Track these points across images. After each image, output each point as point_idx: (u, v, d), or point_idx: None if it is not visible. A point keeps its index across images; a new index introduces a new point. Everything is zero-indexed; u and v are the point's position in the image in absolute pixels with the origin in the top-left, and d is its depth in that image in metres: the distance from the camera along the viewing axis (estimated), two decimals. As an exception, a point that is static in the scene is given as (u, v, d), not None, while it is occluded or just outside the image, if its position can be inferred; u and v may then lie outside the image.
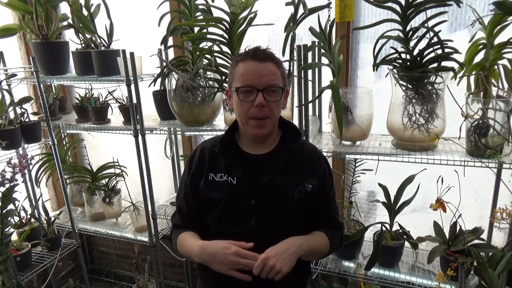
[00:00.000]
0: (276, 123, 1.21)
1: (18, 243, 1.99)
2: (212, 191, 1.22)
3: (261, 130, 1.16)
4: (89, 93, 2.25)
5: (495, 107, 1.34)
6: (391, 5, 1.38)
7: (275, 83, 1.13)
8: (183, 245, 1.24)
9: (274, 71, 1.13)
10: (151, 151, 2.02)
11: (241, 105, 1.15)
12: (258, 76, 1.11)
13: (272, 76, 1.12)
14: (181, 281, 2.75)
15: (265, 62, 1.12)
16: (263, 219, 1.18)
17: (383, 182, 1.70)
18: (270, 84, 1.11)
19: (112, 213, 2.32)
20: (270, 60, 1.13)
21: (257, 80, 1.11)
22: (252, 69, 1.12)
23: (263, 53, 1.13)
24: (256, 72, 1.11)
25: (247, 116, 1.15)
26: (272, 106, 1.13)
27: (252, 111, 1.13)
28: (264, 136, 1.20)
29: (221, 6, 1.64)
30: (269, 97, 1.12)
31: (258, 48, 1.14)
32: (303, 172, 1.22)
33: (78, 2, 1.95)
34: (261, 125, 1.15)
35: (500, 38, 1.37)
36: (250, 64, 1.12)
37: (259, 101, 1.10)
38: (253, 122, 1.15)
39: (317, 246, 1.22)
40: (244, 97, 1.13)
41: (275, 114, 1.16)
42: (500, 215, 1.25)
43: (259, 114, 1.13)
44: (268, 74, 1.12)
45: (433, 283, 1.59)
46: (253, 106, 1.12)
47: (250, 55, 1.13)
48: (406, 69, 1.45)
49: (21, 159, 1.48)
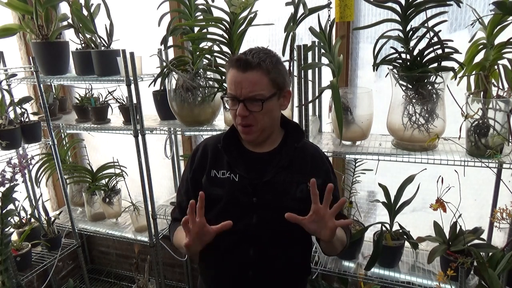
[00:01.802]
0: (267, 129, 1.19)
1: (18, 243, 1.99)
2: (213, 187, 1.22)
3: (248, 136, 1.18)
4: (89, 93, 2.25)
5: (495, 107, 1.34)
6: (391, 5, 1.38)
7: (256, 94, 1.10)
8: (177, 238, 1.25)
9: (257, 81, 1.10)
10: (151, 151, 2.02)
11: (230, 111, 1.18)
12: (239, 87, 1.10)
13: (253, 86, 1.09)
14: (181, 281, 2.75)
15: (247, 72, 1.09)
16: (265, 217, 1.18)
17: (383, 182, 1.70)
18: (249, 96, 1.10)
19: (112, 213, 2.32)
20: (253, 68, 1.09)
21: (238, 91, 1.10)
22: (234, 79, 1.11)
23: (245, 62, 1.09)
24: (237, 83, 1.10)
25: (236, 122, 1.17)
26: (255, 115, 1.13)
27: (238, 119, 1.14)
28: (253, 141, 1.21)
29: (221, 6, 1.64)
30: (251, 107, 1.12)
31: (241, 57, 1.11)
32: (305, 171, 1.21)
33: (78, 2, 1.95)
34: (247, 132, 1.17)
35: (500, 38, 1.37)
36: (233, 73, 1.11)
37: (239, 112, 1.12)
38: (240, 128, 1.18)
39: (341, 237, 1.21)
40: (231, 105, 1.16)
41: (261, 122, 1.15)
42: (500, 215, 1.26)
43: (242, 122, 1.14)
44: (249, 85, 1.09)
45: (433, 283, 1.59)
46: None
47: (234, 63, 1.11)
48: (406, 69, 1.45)
49: (21, 159, 1.48)
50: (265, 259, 1.20)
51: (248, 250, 1.19)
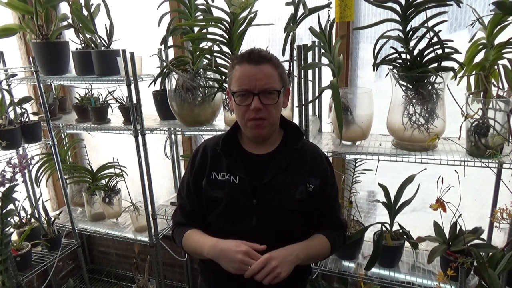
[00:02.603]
0: (275, 124, 1.21)
1: (18, 243, 1.99)
2: (214, 189, 1.22)
3: (259, 130, 1.16)
4: (89, 93, 2.25)
5: (495, 107, 1.34)
6: (391, 5, 1.38)
7: (271, 86, 1.11)
8: (193, 240, 1.23)
9: (270, 73, 1.12)
10: (151, 151, 2.02)
11: (238, 109, 1.15)
12: (253, 80, 1.10)
13: (268, 79, 1.11)
14: (181, 281, 2.75)
15: (261, 65, 1.11)
16: (264, 219, 1.18)
17: (383, 182, 1.70)
18: (265, 88, 1.11)
19: (112, 213, 2.32)
20: (266, 62, 1.12)
21: (253, 84, 1.10)
22: (247, 73, 1.11)
23: (258, 56, 1.11)
24: (251, 76, 1.10)
25: (245, 118, 1.15)
26: (269, 108, 1.13)
27: (249, 114, 1.13)
28: (263, 136, 1.20)
29: (221, 6, 1.64)
30: (266, 100, 1.12)
31: (253, 51, 1.13)
32: (305, 172, 1.22)
33: (78, 2, 1.95)
34: (259, 125, 1.15)
35: (500, 38, 1.37)
36: (245, 67, 1.11)
37: (255, 105, 1.11)
38: (251, 123, 1.15)
39: (315, 252, 1.22)
40: (241, 101, 1.13)
41: (273, 116, 1.16)
42: (500, 215, 1.26)
43: (256, 115, 1.13)
44: (264, 77, 1.10)
45: (433, 283, 1.59)
46: (250, 109, 1.12)
47: (245, 58, 1.12)
48: (406, 69, 1.45)
49: (21, 159, 1.48)
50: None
51: None
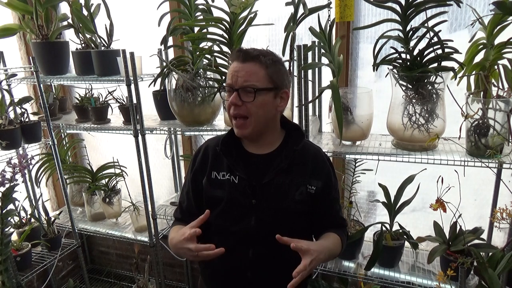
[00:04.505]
0: (261, 124, 1.18)
1: (18, 243, 1.99)
2: (214, 189, 1.22)
3: (242, 130, 1.17)
4: (89, 93, 2.25)
5: (495, 107, 1.34)
6: (391, 5, 1.38)
7: (250, 84, 1.11)
8: (170, 239, 1.25)
9: (253, 71, 1.12)
10: (151, 151, 2.03)
11: (226, 104, 1.18)
12: (235, 76, 1.12)
13: (249, 76, 1.11)
14: (181, 281, 2.75)
15: (246, 63, 1.12)
16: (263, 219, 1.18)
17: (383, 182, 1.70)
18: (244, 85, 1.12)
19: (112, 213, 2.32)
20: (251, 59, 1.12)
21: (235, 79, 1.12)
22: (233, 69, 1.14)
23: (245, 54, 1.13)
24: (235, 72, 1.13)
25: (230, 115, 1.17)
26: (248, 106, 1.13)
27: (232, 110, 1.15)
28: (247, 136, 1.20)
29: (221, 6, 1.64)
30: (244, 97, 1.13)
31: (241, 49, 1.15)
32: (306, 173, 1.21)
33: (78, 2, 1.95)
34: (240, 125, 1.16)
35: (500, 38, 1.37)
36: (234, 64, 1.15)
37: (231, 100, 1.13)
38: (235, 122, 1.17)
39: (334, 250, 1.22)
40: (227, 96, 1.16)
41: (255, 115, 1.14)
42: (500, 215, 1.26)
43: (234, 112, 1.15)
44: (245, 74, 1.11)
45: (433, 283, 1.59)
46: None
47: (234, 55, 1.15)
48: (406, 69, 1.45)
49: (21, 159, 1.48)
50: (264, 260, 1.20)
51: (247, 251, 1.19)
